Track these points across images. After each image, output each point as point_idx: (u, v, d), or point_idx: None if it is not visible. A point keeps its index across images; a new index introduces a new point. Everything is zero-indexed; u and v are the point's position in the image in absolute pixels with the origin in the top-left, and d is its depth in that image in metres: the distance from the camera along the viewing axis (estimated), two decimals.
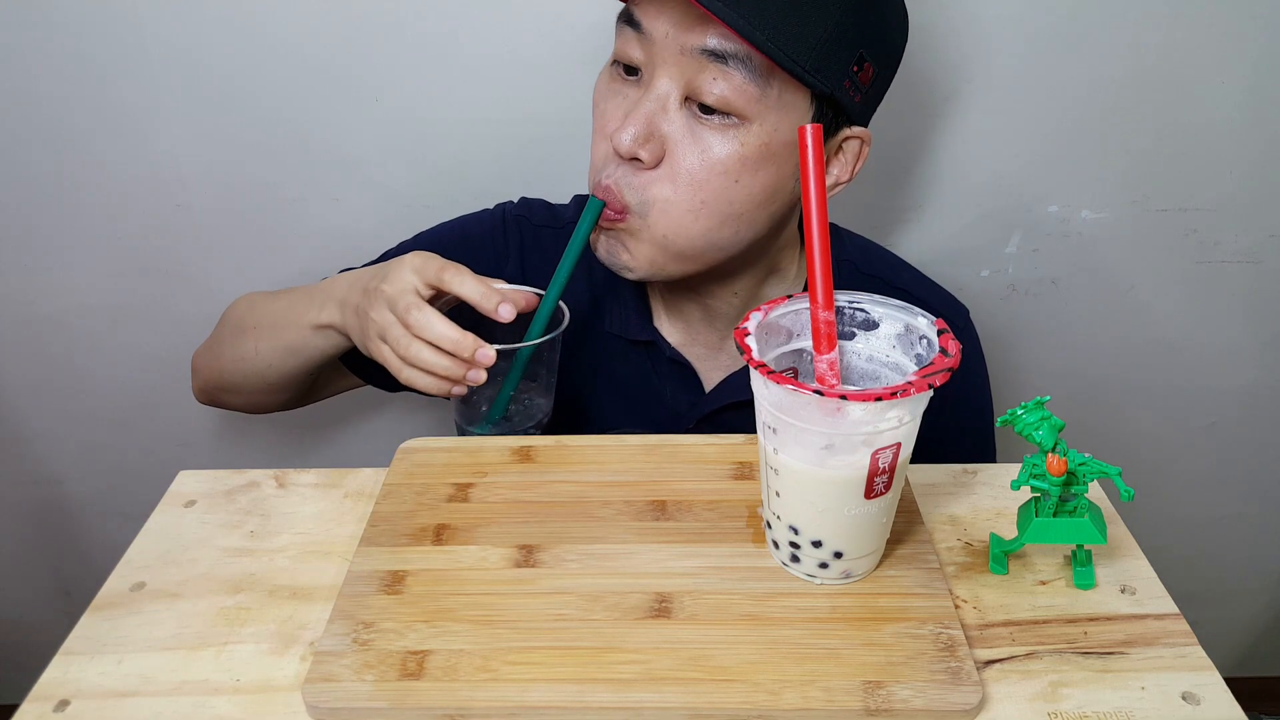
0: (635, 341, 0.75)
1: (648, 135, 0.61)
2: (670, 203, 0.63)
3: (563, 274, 0.64)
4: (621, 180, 0.63)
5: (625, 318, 0.75)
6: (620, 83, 0.65)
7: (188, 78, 0.88)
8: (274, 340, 0.72)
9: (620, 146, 0.61)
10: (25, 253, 0.98)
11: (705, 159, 0.61)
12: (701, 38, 0.59)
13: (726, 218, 0.64)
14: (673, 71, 0.61)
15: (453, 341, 0.59)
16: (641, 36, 0.61)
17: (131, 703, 0.44)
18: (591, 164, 0.67)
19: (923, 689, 0.43)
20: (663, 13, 0.60)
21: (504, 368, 0.64)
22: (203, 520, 0.56)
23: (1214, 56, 0.88)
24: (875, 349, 0.50)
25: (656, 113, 0.61)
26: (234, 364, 0.76)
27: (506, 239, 0.78)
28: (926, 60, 0.88)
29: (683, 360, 0.75)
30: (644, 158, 0.62)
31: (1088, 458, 0.47)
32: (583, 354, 0.77)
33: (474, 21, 0.86)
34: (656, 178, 0.63)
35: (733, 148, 0.61)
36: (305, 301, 0.70)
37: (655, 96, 0.61)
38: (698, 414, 0.74)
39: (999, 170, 0.94)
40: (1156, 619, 0.48)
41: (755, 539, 0.52)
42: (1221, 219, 0.97)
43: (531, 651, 0.45)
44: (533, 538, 0.53)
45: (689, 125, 0.62)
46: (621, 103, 0.64)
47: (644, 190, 0.63)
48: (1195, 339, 1.05)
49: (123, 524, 0.66)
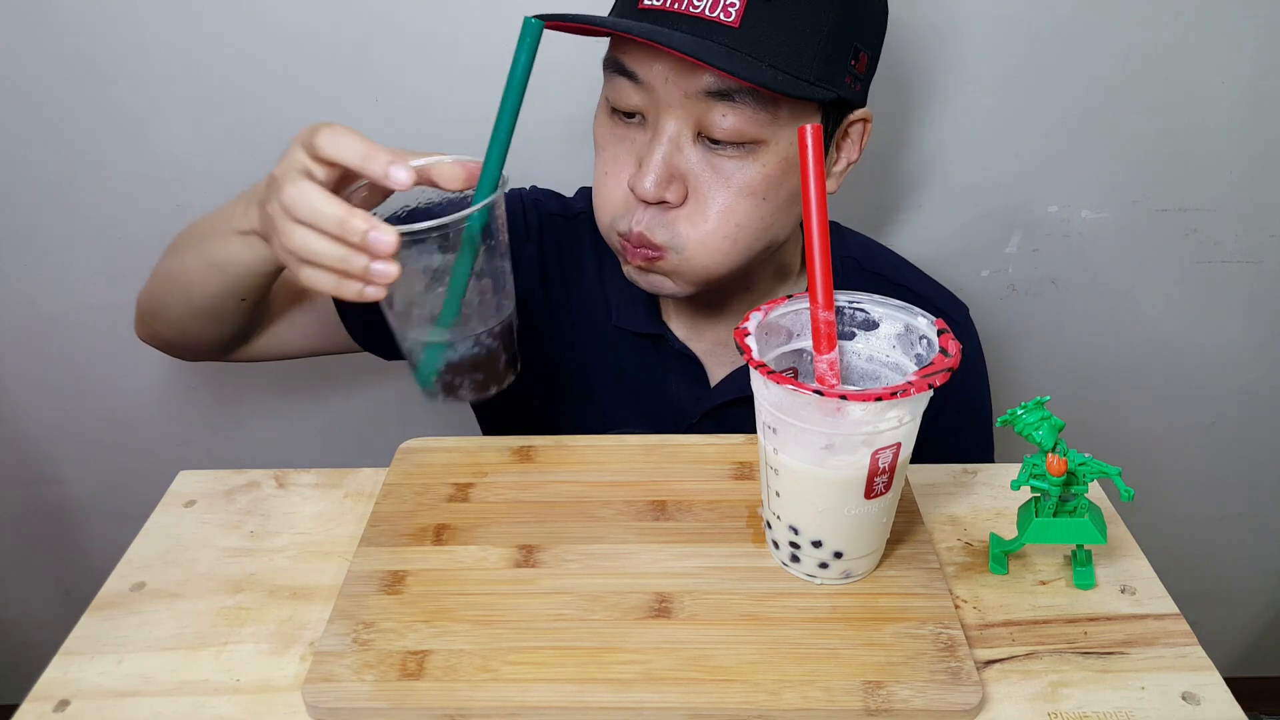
0: (642, 335, 0.75)
1: (669, 177, 0.60)
2: (707, 235, 0.62)
3: (503, 127, 0.52)
4: (651, 223, 0.62)
5: (634, 311, 0.74)
6: (623, 126, 0.63)
7: (188, 78, 0.88)
8: (200, 253, 0.62)
9: (645, 194, 0.60)
10: (25, 253, 0.98)
11: (731, 188, 0.61)
12: (701, 80, 0.57)
13: (760, 233, 0.64)
14: (678, 114, 0.59)
15: (335, 220, 0.47)
16: (638, 85, 0.60)
17: (131, 703, 0.44)
18: (601, 205, 0.65)
19: (923, 689, 0.43)
20: (657, 60, 0.58)
21: (440, 261, 0.52)
22: (203, 520, 0.56)
23: (1214, 56, 0.88)
24: (875, 349, 0.50)
25: (672, 154, 0.60)
26: (162, 282, 0.67)
27: (526, 222, 0.76)
28: (927, 60, 0.88)
29: (690, 354, 0.74)
30: (671, 199, 0.61)
31: (1088, 458, 0.47)
32: (589, 347, 0.76)
33: (474, 21, 0.86)
34: (686, 214, 0.62)
35: (754, 170, 0.60)
36: (238, 205, 0.59)
37: (667, 139, 0.60)
38: (703, 408, 0.74)
39: (999, 170, 0.94)
40: (1156, 619, 0.48)
41: (755, 539, 0.52)
42: (1221, 219, 0.97)
43: (531, 651, 0.45)
44: (533, 538, 0.53)
45: (706, 159, 0.61)
46: (631, 147, 0.63)
47: (676, 228, 0.62)
48: (1195, 339, 1.05)
49: (123, 524, 0.66)
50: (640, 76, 0.59)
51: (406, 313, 0.54)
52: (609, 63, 0.62)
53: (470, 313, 0.53)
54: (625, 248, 0.64)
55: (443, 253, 0.51)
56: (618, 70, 0.61)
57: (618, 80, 0.61)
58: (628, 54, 0.60)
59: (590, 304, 0.76)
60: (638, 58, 0.59)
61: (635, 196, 0.61)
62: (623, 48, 0.60)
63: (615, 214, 0.64)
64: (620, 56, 0.60)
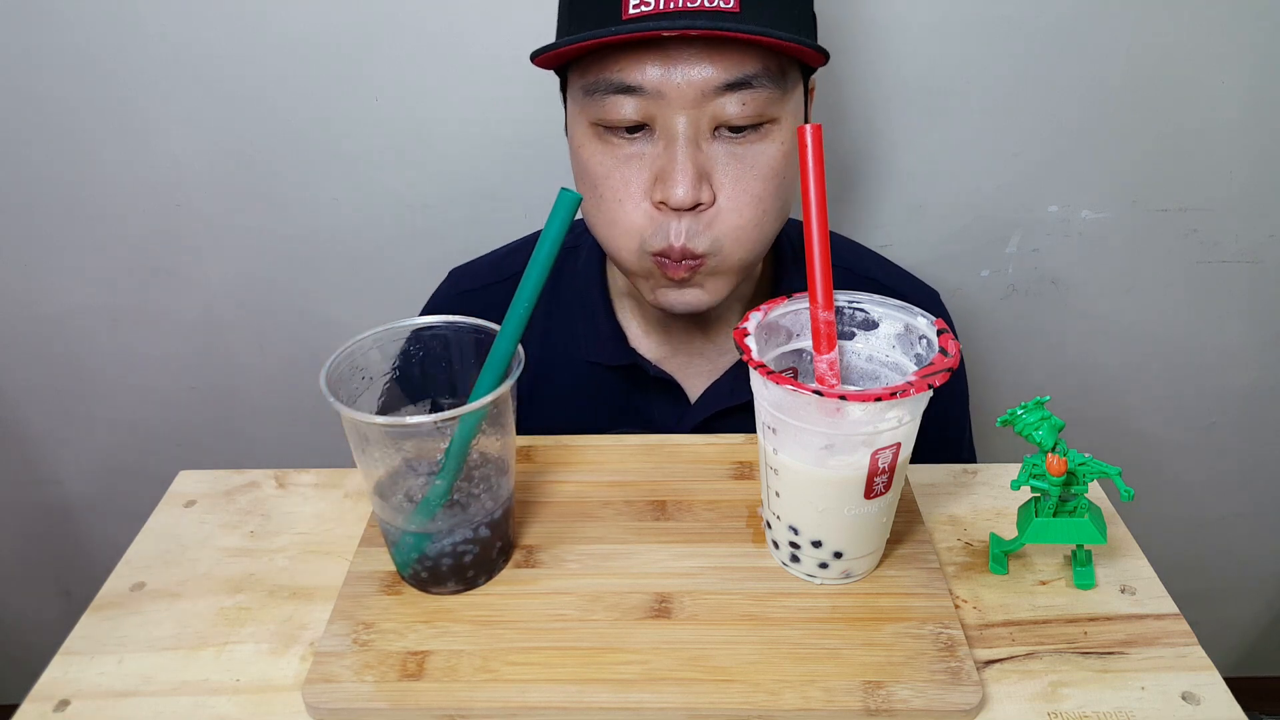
0: (615, 367, 0.73)
1: (698, 178, 0.59)
2: (741, 227, 0.61)
3: (523, 300, 0.45)
4: (690, 233, 0.60)
5: (600, 344, 0.73)
6: (625, 144, 0.61)
7: (188, 78, 0.88)
8: None
9: (681, 202, 0.58)
10: (25, 253, 0.98)
11: (757, 174, 0.60)
12: (720, 73, 0.56)
13: (781, 211, 0.63)
14: (692, 113, 0.58)
15: None
16: (641, 97, 0.58)
17: (131, 703, 0.44)
18: (624, 232, 0.62)
19: (923, 689, 0.43)
20: (666, 63, 0.57)
21: (430, 448, 0.47)
22: (203, 520, 0.56)
23: (1214, 56, 0.88)
24: (875, 349, 0.50)
25: (694, 154, 0.59)
26: None
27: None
28: (927, 60, 0.88)
29: (666, 377, 0.73)
30: (705, 200, 0.59)
31: (1088, 458, 0.47)
32: (561, 385, 0.75)
33: (474, 21, 0.86)
34: (720, 211, 0.60)
35: (774, 150, 0.60)
36: None
37: (685, 140, 0.58)
38: (685, 427, 0.73)
39: (999, 170, 0.94)
40: (1156, 619, 0.48)
41: (755, 539, 0.52)
42: (1221, 219, 0.97)
43: (531, 651, 0.45)
44: (533, 538, 0.53)
45: (728, 151, 0.60)
46: (641, 163, 0.60)
47: (713, 229, 0.61)
48: (1195, 339, 1.06)
49: (123, 524, 0.66)
50: (645, 87, 0.57)
51: (387, 493, 0.47)
52: (596, 85, 0.59)
53: (462, 499, 0.47)
54: (664, 265, 0.62)
55: (434, 441, 0.46)
56: (610, 90, 0.58)
57: (609, 100, 0.59)
58: (623, 69, 0.58)
59: (555, 340, 0.74)
60: (639, 68, 0.57)
61: (670, 208, 0.59)
62: (616, 64, 0.58)
63: (644, 236, 0.61)
64: (614, 75, 0.58)
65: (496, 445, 0.47)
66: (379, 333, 0.48)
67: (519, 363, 0.45)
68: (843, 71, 0.89)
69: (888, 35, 0.88)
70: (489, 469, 0.48)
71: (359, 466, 0.47)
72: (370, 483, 0.47)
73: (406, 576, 0.49)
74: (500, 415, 0.46)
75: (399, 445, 0.47)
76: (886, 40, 0.88)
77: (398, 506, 0.47)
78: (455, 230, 0.97)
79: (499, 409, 0.46)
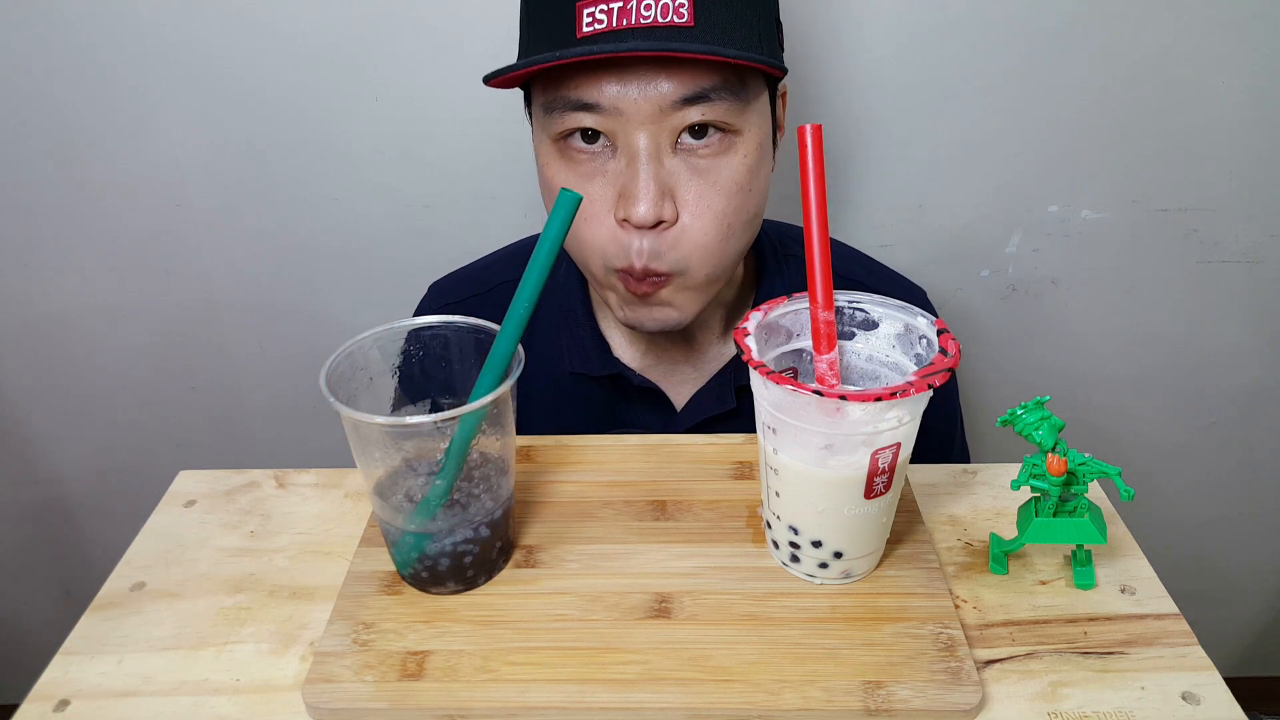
0: (598, 377, 0.72)
1: (660, 195, 0.58)
2: (706, 243, 0.60)
3: (524, 300, 0.45)
4: (651, 251, 0.60)
5: (584, 355, 0.72)
6: (586, 160, 0.60)
7: (188, 78, 0.88)
8: None
9: (643, 220, 0.58)
10: (25, 253, 0.98)
11: (719, 188, 0.59)
12: (677, 88, 0.56)
13: (748, 225, 0.63)
14: (651, 129, 0.57)
15: None
16: (601, 114, 0.57)
17: (131, 703, 0.44)
18: (588, 249, 0.62)
19: (923, 689, 0.43)
20: (621, 80, 0.56)
21: (429, 448, 0.47)
22: (203, 520, 0.56)
23: (1214, 56, 0.88)
24: (875, 349, 0.50)
25: (656, 171, 0.58)
26: None
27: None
28: (927, 60, 0.88)
29: (651, 386, 0.72)
30: (668, 217, 0.59)
31: (1088, 458, 0.47)
32: (545, 399, 0.74)
33: (474, 21, 0.86)
34: (683, 228, 0.60)
35: (736, 163, 0.60)
36: None
37: (646, 157, 0.58)
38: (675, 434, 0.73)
39: (999, 170, 0.94)
40: (1156, 619, 0.48)
41: (755, 539, 0.52)
42: (1221, 219, 0.97)
43: (531, 651, 0.45)
44: (533, 538, 0.53)
45: (690, 165, 0.59)
46: (604, 180, 0.60)
47: (677, 247, 0.60)
48: (1195, 339, 1.06)
49: (123, 524, 0.66)
50: (603, 104, 0.57)
51: (387, 493, 0.48)
52: (555, 103, 0.59)
53: (463, 499, 0.47)
54: (627, 282, 0.62)
55: (434, 441, 0.47)
56: (569, 107, 0.58)
57: (568, 116, 0.58)
58: (580, 88, 0.57)
59: (540, 354, 0.74)
60: (596, 86, 0.57)
61: (632, 225, 0.59)
62: (572, 83, 0.57)
63: (607, 254, 0.61)
64: (571, 94, 0.57)
65: (496, 445, 0.47)
66: (379, 332, 0.48)
67: (519, 363, 0.45)
68: (842, 71, 0.89)
69: (887, 35, 0.88)
70: (489, 469, 0.48)
71: (359, 466, 0.47)
72: (370, 483, 0.47)
73: (406, 576, 0.49)
74: (500, 415, 0.46)
75: (399, 445, 0.47)
76: (886, 40, 0.88)
77: (398, 506, 0.47)
78: (455, 230, 0.97)
79: (499, 409, 0.46)
